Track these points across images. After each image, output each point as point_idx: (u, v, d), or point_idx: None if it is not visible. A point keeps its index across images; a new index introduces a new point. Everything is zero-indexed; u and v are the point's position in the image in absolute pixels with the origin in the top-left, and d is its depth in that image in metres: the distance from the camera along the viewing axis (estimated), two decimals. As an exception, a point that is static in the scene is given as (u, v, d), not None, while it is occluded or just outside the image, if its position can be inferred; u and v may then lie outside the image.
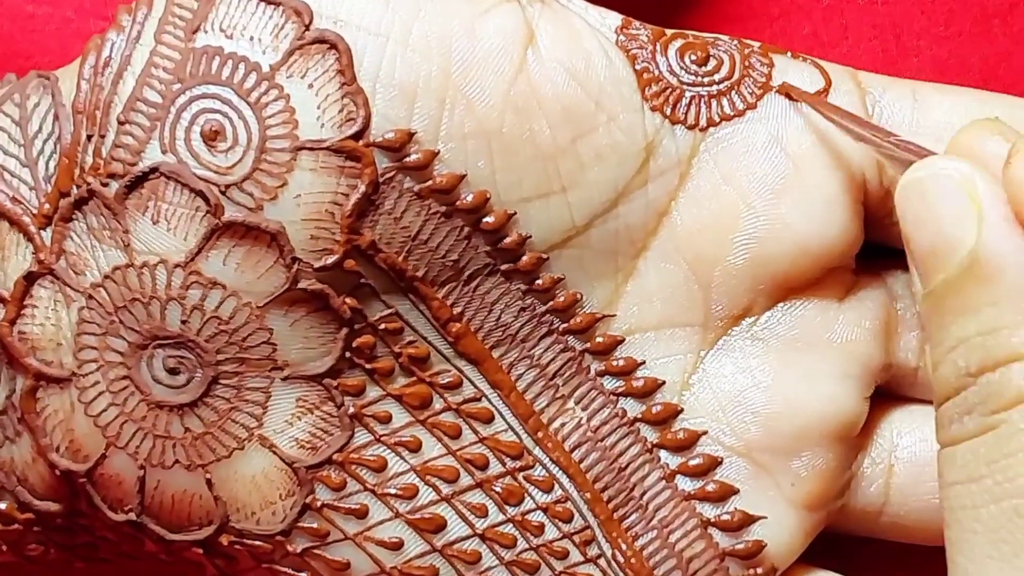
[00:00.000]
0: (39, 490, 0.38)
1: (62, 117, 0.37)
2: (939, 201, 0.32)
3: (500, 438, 0.39)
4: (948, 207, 0.32)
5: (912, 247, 0.33)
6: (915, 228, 0.32)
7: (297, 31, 0.36)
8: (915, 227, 0.32)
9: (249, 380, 0.37)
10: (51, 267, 0.37)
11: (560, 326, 0.39)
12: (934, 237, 0.32)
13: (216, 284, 0.36)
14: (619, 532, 0.39)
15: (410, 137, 0.36)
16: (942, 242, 0.31)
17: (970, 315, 0.31)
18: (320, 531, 0.38)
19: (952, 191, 0.32)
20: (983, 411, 0.31)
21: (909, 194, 0.33)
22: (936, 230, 0.32)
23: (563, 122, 0.37)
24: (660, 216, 0.39)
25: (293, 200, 0.36)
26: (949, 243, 0.31)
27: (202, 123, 0.36)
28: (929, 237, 0.32)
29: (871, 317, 0.40)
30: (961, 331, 0.31)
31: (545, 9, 0.38)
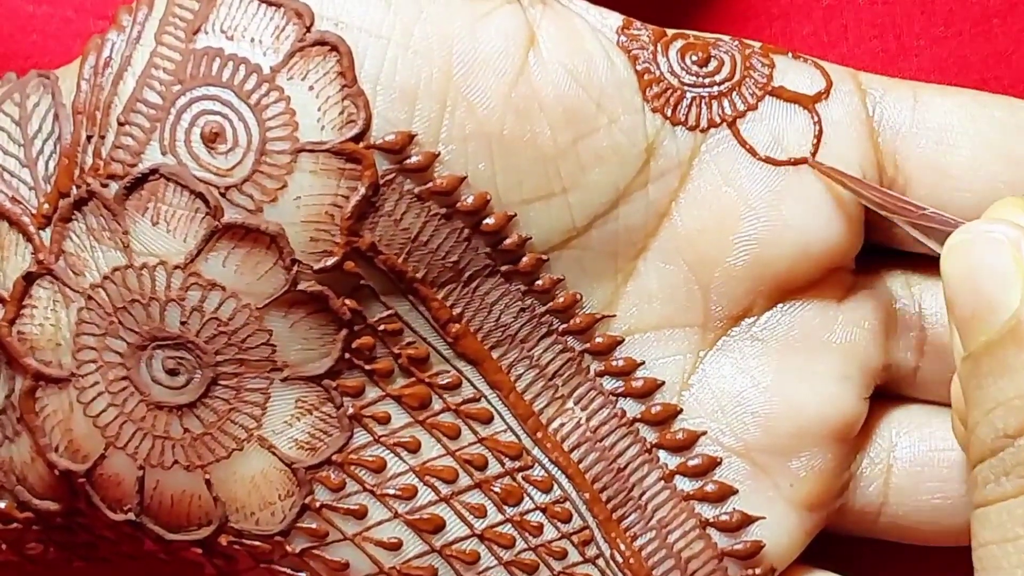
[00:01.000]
0: (38, 489, 0.38)
1: (62, 117, 0.37)
2: (984, 263, 0.32)
3: (499, 438, 0.39)
4: (992, 269, 0.32)
5: (954, 308, 0.33)
6: (958, 289, 0.33)
7: (298, 33, 0.36)
8: (958, 288, 0.33)
9: (248, 381, 0.37)
10: (50, 267, 0.37)
11: (560, 327, 0.39)
12: (977, 299, 0.32)
13: (215, 285, 0.36)
14: (618, 532, 0.39)
15: (411, 139, 0.36)
16: (985, 304, 0.32)
17: (1009, 377, 0.31)
18: (319, 531, 0.38)
19: (997, 254, 0.32)
20: (1021, 472, 0.31)
21: (954, 256, 0.33)
22: (979, 292, 0.32)
23: (564, 124, 0.37)
24: (660, 217, 0.39)
25: (293, 202, 0.36)
26: (992, 305, 0.32)
27: (202, 125, 0.36)
28: (972, 299, 0.32)
29: (870, 318, 0.40)
30: (1000, 393, 0.31)
31: (546, 10, 0.38)
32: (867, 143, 0.38)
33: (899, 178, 0.38)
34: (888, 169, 0.38)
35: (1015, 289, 0.32)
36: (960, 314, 0.33)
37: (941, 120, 0.39)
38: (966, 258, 0.33)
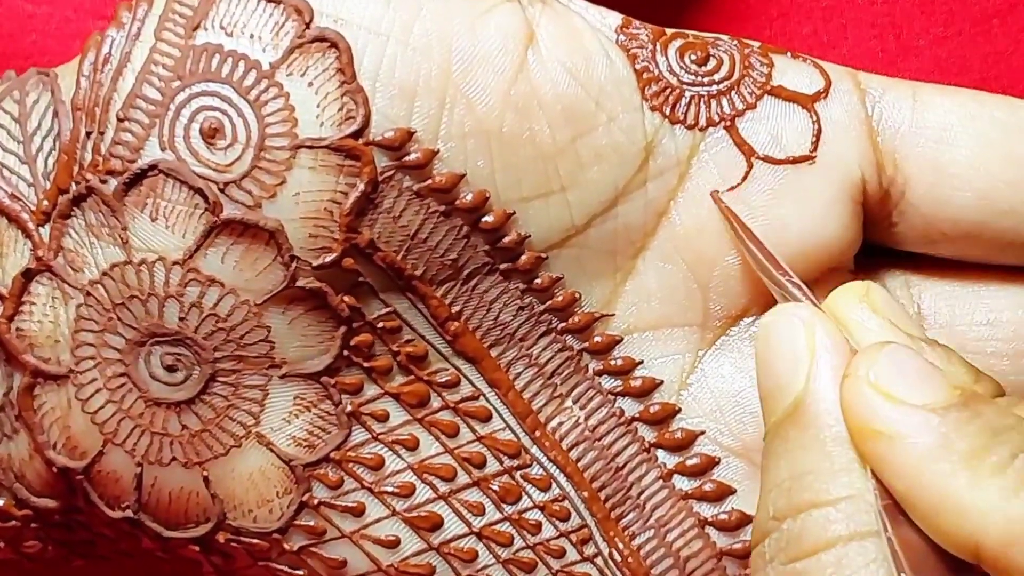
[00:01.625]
0: (36, 487, 0.38)
1: (61, 114, 0.37)
2: (779, 345, 0.33)
3: (498, 437, 0.39)
4: (785, 352, 0.33)
5: (759, 383, 0.34)
6: (762, 364, 0.34)
7: (297, 29, 0.36)
8: (762, 363, 0.34)
9: (247, 378, 0.37)
10: (49, 264, 0.37)
11: (558, 325, 0.39)
12: (770, 379, 0.33)
13: (214, 282, 0.36)
14: (616, 531, 0.39)
15: (410, 136, 0.36)
16: (775, 385, 0.33)
17: (787, 459, 0.32)
18: (317, 529, 0.38)
19: (791, 337, 0.33)
20: (783, 559, 0.31)
21: (760, 335, 0.34)
22: (772, 372, 0.33)
23: (563, 122, 0.37)
24: (659, 216, 0.39)
25: (292, 198, 0.36)
26: (781, 386, 0.33)
27: (201, 120, 0.36)
28: (769, 379, 0.33)
29: (869, 318, 0.40)
30: (776, 475, 0.32)
31: (546, 8, 0.38)
32: (866, 142, 0.38)
33: (898, 177, 0.38)
34: (887, 168, 0.38)
35: (801, 372, 0.32)
36: (761, 393, 0.34)
37: (941, 119, 0.39)
38: (768, 337, 0.34)
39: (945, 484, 0.30)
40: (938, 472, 0.30)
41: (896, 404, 0.31)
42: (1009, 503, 0.30)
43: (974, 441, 0.31)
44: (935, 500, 0.30)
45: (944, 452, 0.30)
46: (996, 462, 0.30)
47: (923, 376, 0.32)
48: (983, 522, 0.30)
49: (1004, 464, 0.30)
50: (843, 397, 0.32)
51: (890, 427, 0.31)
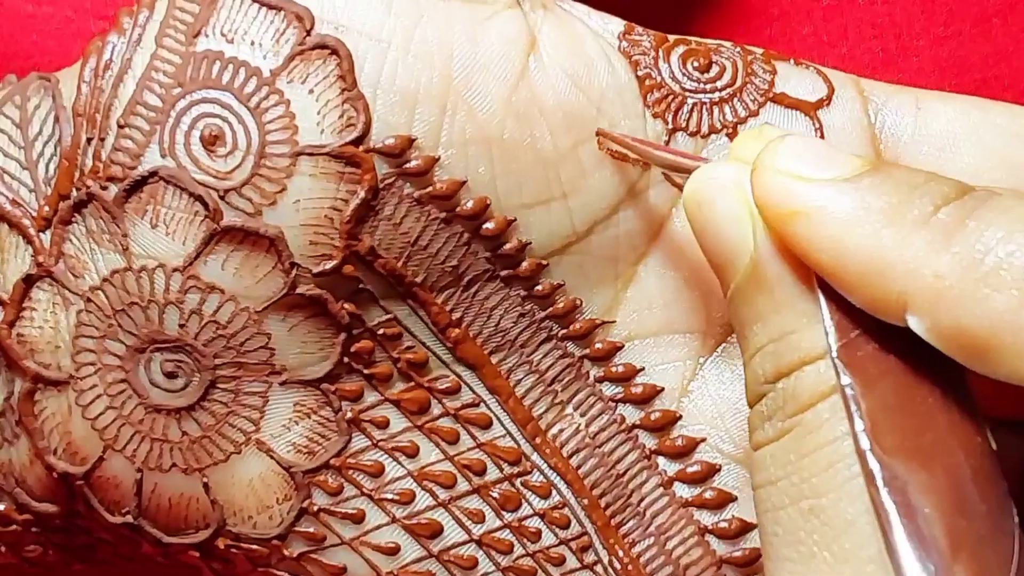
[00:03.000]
0: (37, 492, 0.38)
1: (62, 119, 0.37)
2: (716, 209, 0.33)
3: (498, 444, 0.39)
4: (725, 215, 0.32)
5: (708, 259, 0.33)
6: (703, 238, 0.33)
7: (298, 36, 0.36)
8: (703, 236, 0.33)
9: (247, 384, 0.37)
10: (50, 270, 0.37)
11: (559, 332, 0.39)
12: (719, 246, 0.33)
13: (214, 289, 0.36)
14: (616, 539, 0.39)
15: (410, 143, 0.36)
16: (727, 250, 0.32)
17: (760, 323, 0.32)
18: (317, 535, 0.38)
19: (725, 199, 0.32)
20: (781, 416, 0.31)
21: (690, 205, 0.33)
22: (720, 239, 0.33)
23: (564, 128, 0.37)
24: (661, 223, 0.38)
25: (292, 205, 0.35)
26: (733, 251, 0.32)
27: (202, 128, 0.35)
28: (716, 247, 0.33)
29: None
30: (756, 340, 0.32)
31: (547, 15, 0.38)
32: (868, 150, 0.38)
33: None
34: None
35: (746, 230, 0.32)
36: (711, 260, 0.33)
37: (943, 127, 0.38)
38: (701, 208, 0.33)
39: (869, 246, 0.30)
40: (860, 235, 0.30)
41: (807, 181, 0.31)
42: (938, 256, 0.29)
43: (891, 198, 0.30)
44: (861, 264, 0.30)
45: (863, 214, 0.30)
46: (918, 216, 0.30)
47: (829, 154, 0.31)
48: (911, 279, 0.29)
49: (926, 217, 0.30)
50: (755, 190, 0.31)
51: (805, 203, 0.30)
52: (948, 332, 0.29)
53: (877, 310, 0.30)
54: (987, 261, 0.29)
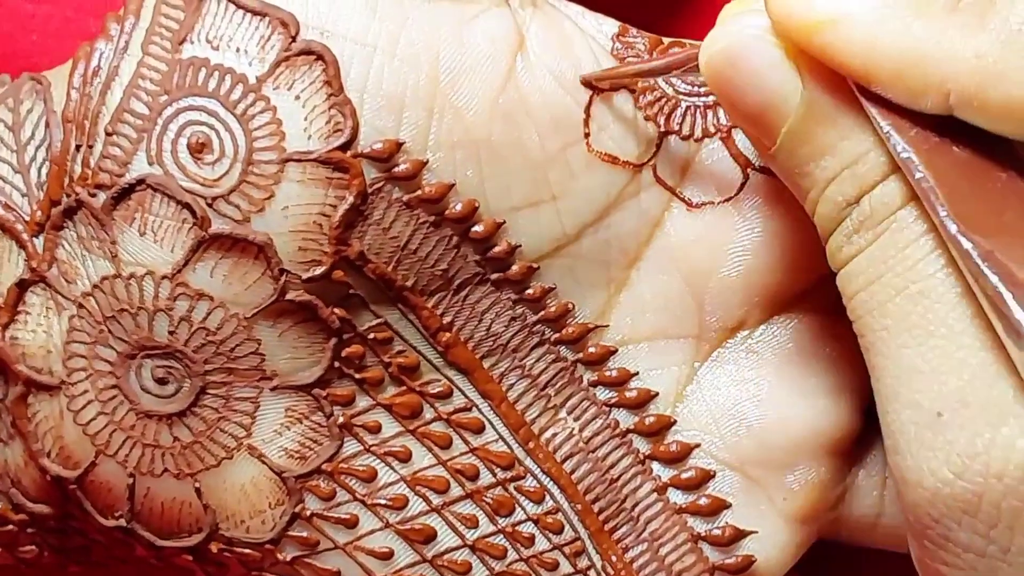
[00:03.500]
0: (32, 493, 0.39)
1: (52, 124, 0.37)
2: (753, 59, 0.32)
3: (491, 448, 0.38)
4: (763, 62, 0.32)
5: (742, 116, 0.33)
6: (738, 96, 0.33)
7: (283, 42, 0.35)
8: (738, 95, 0.33)
9: (237, 390, 0.37)
10: (43, 275, 0.37)
11: (552, 336, 0.38)
12: (760, 95, 0.32)
13: (203, 295, 0.36)
14: (609, 544, 0.39)
15: (398, 147, 0.36)
16: (770, 97, 0.32)
17: (828, 155, 0.32)
18: (310, 540, 0.38)
19: (761, 45, 0.32)
20: (871, 223, 0.32)
21: (717, 68, 0.33)
22: (760, 88, 0.32)
23: (552, 130, 0.37)
24: (653, 226, 0.38)
25: (280, 212, 0.35)
26: (779, 95, 0.32)
27: (189, 135, 0.35)
28: (755, 98, 0.32)
29: (867, 328, 0.39)
30: (827, 172, 0.32)
31: (537, 13, 0.38)
32: None
33: None
34: None
35: (791, 72, 0.32)
36: (750, 117, 0.33)
37: None
38: (730, 63, 0.33)
39: (903, 41, 0.30)
40: (893, 31, 0.30)
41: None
42: (975, 38, 0.29)
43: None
44: (898, 60, 0.30)
45: (890, 12, 0.30)
46: (945, 3, 0.30)
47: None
48: (952, 64, 0.29)
49: (953, 3, 0.30)
50: (775, 9, 0.32)
51: (830, 11, 0.31)
52: (999, 109, 0.29)
53: (922, 103, 0.30)
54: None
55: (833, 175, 0.32)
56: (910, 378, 0.31)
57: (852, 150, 0.32)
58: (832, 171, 0.32)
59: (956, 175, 0.30)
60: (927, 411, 0.31)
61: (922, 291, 0.31)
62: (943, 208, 0.30)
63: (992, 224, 0.30)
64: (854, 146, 0.32)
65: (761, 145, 0.34)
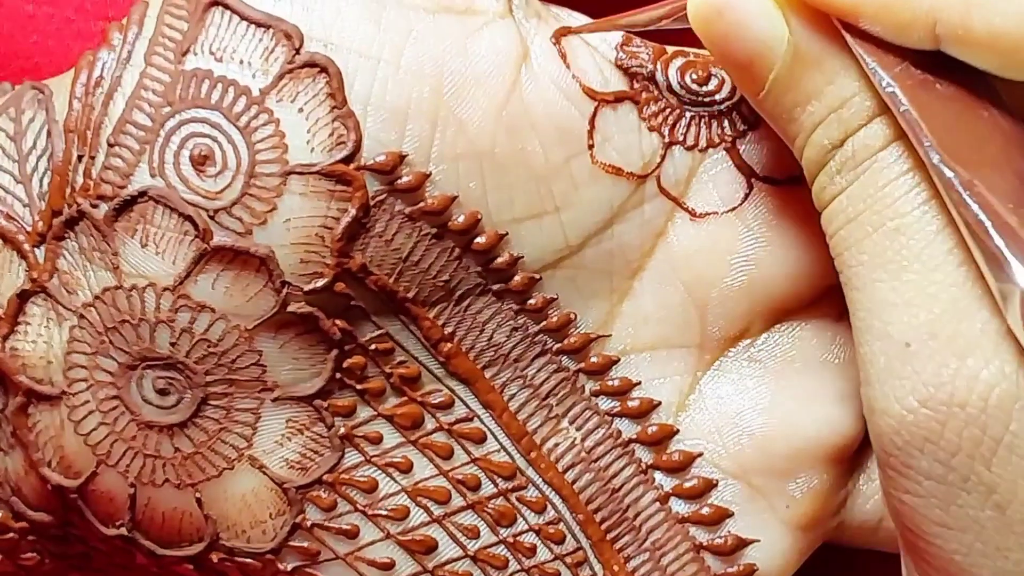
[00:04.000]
0: (32, 501, 0.39)
1: (55, 134, 0.37)
2: (739, 9, 0.33)
3: (492, 458, 0.38)
4: (749, 10, 0.33)
5: (731, 64, 0.34)
6: (726, 44, 0.34)
7: (287, 55, 0.35)
8: (726, 43, 0.34)
9: (239, 401, 0.37)
10: (44, 285, 0.37)
11: (553, 346, 0.38)
12: (748, 44, 0.33)
13: (205, 307, 0.36)
14: (611, 554, 0.39)
15: (401, 160, 0.35)
16: (757, 44, 0.33)
17: (815, 100, 0.33)
18: (311, 550, 0.38)
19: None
20: (853, 164, 0.33)
21: (705, 16, 0.34)
22: (747, 36, 0.33)
23: (556, 141, 0.37)
24: (656, 237, 0.38)
25: (283, 224, 0.35)
26: (765, 43, 0.33)
27: (191, 147, 0.35)
28: (743, 45, 0.33)
29: (868, 336, 0.39)
30: (813, 116, 0.33)
31: (541, 25, 0.37)
32: None
33: None
34: None
35: (777, 19, 0.33)
36: (738, 64, 0.34)
37: None
38: (721, 13, 0.33)
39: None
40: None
41: None
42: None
43: None
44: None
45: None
46: None
47: None
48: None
49: None
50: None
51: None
52: (983, 40, 0.30)
53: (908, 37, 0.31)
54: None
55: (820, 119, 0.33)
56: (882, 310, 0.32)
57: (837, 94, 0.33)
58: (819, 115, 0.33)
59: (940, 109, 0.31)
60: (896, 342, 0.32)
61: (898, 228, 0.32)
62: (927, 139, 0.30)
63: (974, 157, 0.30)
64: (839, 90, 0.33)
65: (750, 92, 0.34)
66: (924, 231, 0.32)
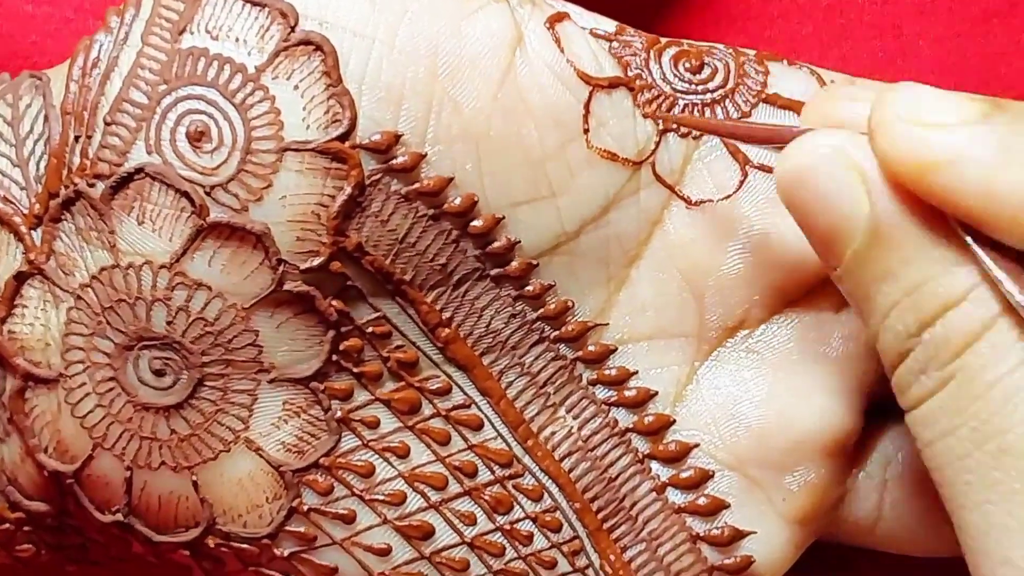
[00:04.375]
0: (28, 490, 0.38)
1: (51, 118, 0.37)
2: (822, 181, 0.32)
3: (489, 446, 0.38)
4: (832, 184, 0.32)
5: (811, 234, 0.33)
6: (807, 215, 0.33)
7: (283, 33, 0.36)
8: (807, 214, 0.33)
9: (235, 382, 0.37)
10: (41, 267, 0.37)
11: (551, 334, 0.38)
12: (829, 217, 0.32)
13: (201, 285, 0.36)
14: (608, 543, 0.38)
15: (396, 139, 0.36)
16: (838, 219, 0.32)
17: (891, 280, 0.31)
18: (307, 535, 0.38)
19: (831, 167, 0.32)
20: (937, 365, 0.31)
21: (790, 183, 0.33)
22: (829, 210, 0.32)
23: (552, 126, 0.37)
24: (653, 224, 0.38)
25: (278, 201, 0.35)
26: (846, 218, 0.32)
27: (187, 124, 0.35)
28: (824, 219, 0.32)
29: (868, 329, 0.39)
30: (888, 298, 0.32)
31: (535, 10, 0.38)
32: None
33: None
34: None
35: (861, 193, 0.31)
36: (818, 237, 0.33)
37: None
38: (802, 182, 0.32)
39: (1020, 184, 0.29)
40: (1011, 175, 0.29)
41: (939, 128, 0.30)
42: None
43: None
44: (1016, 204, 0.29)
45: (1009, 155, 0.29)
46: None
47: (946, 98, 0.31)
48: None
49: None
50: (882, 145, 0.31)
51: (945, 152, 0.30)
52: None
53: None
54: None
55: (895, 301, 0.31)
56: (999, 536, 0.31)
57: (914, 277, 0.31)
58: (894, 297, 0.31)
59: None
60: (1021, 570, 0.30)
61: (1002, 447, 0.30)
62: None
63: None
64: (917, 272, 0.31)
65: (830, 268, 0.33)
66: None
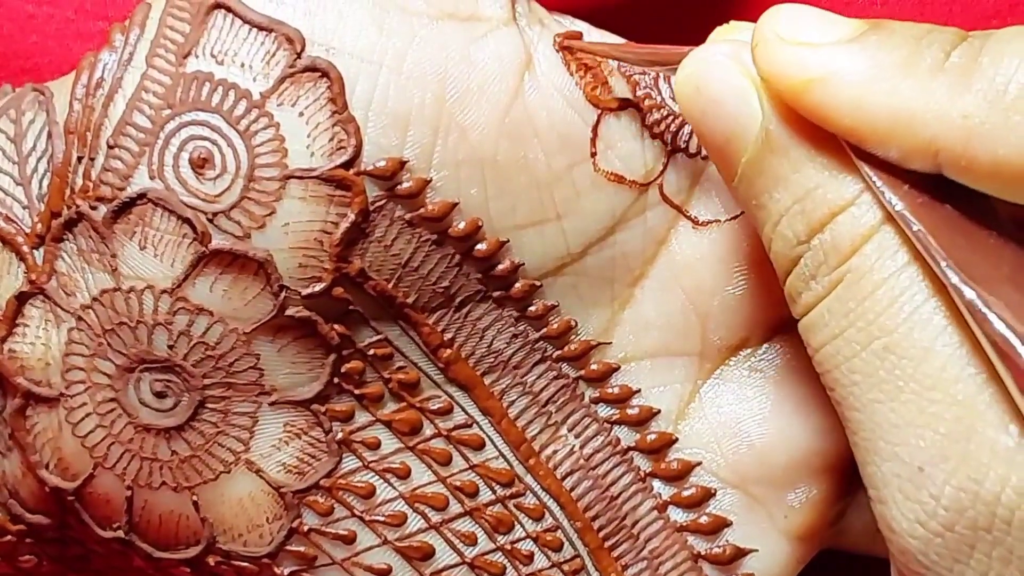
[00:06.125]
0: (30, 504, 0.38)
1: (55, 135, 0.37)
2: (716, 88, 0.32)
3: (491, 465, 0.38)
4: (727, 90, 0.32)
5: (708, 143, 0.33)
6: (704, 122, 0.33)
7: (289, 58, 0.35)
8: (703, 121, 0.33)
9: (236, 405, 0.37)
10: (43, 287, 0.37)
11: (553, 353, 0.38)
12: (724, 123, 0.33)
13: (203, 310, 0.36)
14: (609, 562, 0.39)
15: (401, 165, 0.35)
16: (733, 126, 0.32)
17: (780, 188, 0.32)
18: (307, 555, 0.38)
19: (725, 74, 0.32)
20: (826, 270, 0.32)
21: (686, 91, 0.33)
22: (724, 116, 0.32)
23: (559, 149, 0.36)
24: (658, 244, 0.38)
25: (281, 228, 0.35)
26: (741, 125, 0.32)
27: (191, 150, 0.35)
28: (720, 125, 0.33)
29: (869, 346, 0.39)
30: (779, 204, 0.32)
31: (544, 32, 0.37)
32: None
33: None
34: None
35: (753, 101, 0.32)
36: (714, 144, 0.33)
37: None
38: (699, 90, 0.33)
39: (891, 101, 0.30)
40: (881, 92, 0.30)
41: (815, 47, 0.31)
42: (961, 97, 0.29)
43: (901, 51, 0.30)
44: (887, 120, 0.30)
45: (879, 71, 0.30)
46: (931, 63, 0.30)
47: (826, 18, 0.31)
48: (939, 124, 0.30)
49: (939, 63, 0.30)
50: (761, 63, 0.31)
51: (819, 69, 0.31)
52: (986, 168, 0.29)
53: (910, 161, 0.30)
54: (1010, 91, 0.29)
55: (784, 208, 0.32)
56: (886, 432, 0.31)
57: (802, 183, 0.32)
58: (784, 204, 0.32)
59: (950, 228, 0.30)
60: (908, 465, 0.31)
61: (887, 346, 0.31)
62: (943, 259, 0.30)
63: (992, 275, 0.30)
64: (805, 179, 0.32)
65: (725, 175, 0.34)
66: (914, 349, 0.30)
